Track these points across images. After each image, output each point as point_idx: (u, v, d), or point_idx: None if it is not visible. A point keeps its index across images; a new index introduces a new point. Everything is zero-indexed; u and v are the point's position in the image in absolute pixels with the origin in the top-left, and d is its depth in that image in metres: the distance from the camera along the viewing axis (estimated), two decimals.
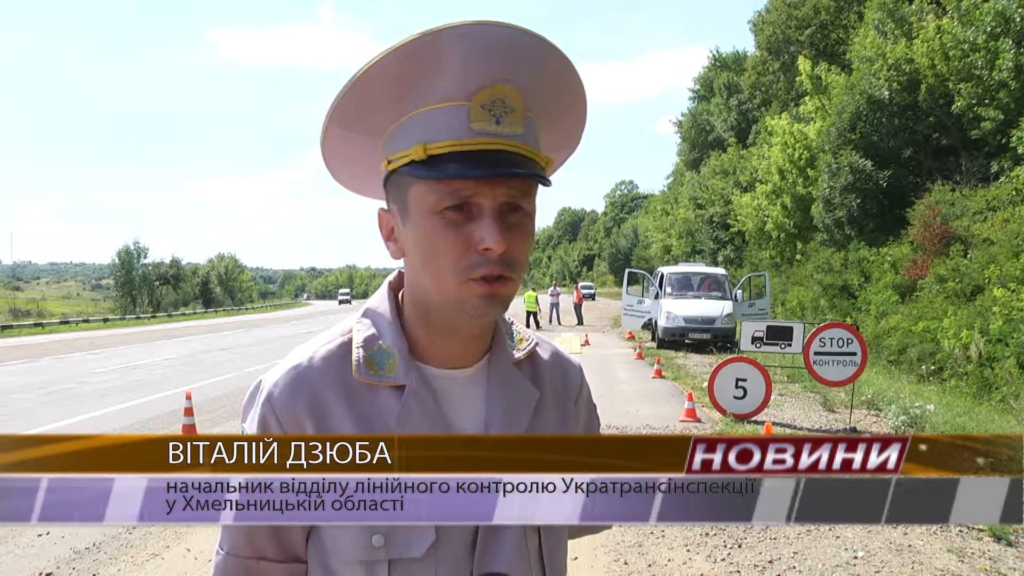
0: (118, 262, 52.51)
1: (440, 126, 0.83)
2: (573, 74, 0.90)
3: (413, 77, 0.84)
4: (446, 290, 0.86)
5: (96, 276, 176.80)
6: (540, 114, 0.90)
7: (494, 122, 0.83)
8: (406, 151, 0.85)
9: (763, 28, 31.64)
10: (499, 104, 0.83)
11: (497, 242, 0.82)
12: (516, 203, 0.85)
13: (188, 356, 17.41)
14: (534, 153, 0.87)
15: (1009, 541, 4.57)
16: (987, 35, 13.45)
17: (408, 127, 0.86)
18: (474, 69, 0.82)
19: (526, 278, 65.95)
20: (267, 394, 0.91)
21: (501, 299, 0.87)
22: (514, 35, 0.83)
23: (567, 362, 1.08)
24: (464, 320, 0.89)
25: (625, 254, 70.55)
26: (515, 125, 0.84)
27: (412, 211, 0.87)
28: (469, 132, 0.82)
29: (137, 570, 4.22)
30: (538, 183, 0.88)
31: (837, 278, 18.09)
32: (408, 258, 0.91)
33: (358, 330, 0.95)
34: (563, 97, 0.92)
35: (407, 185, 0.87)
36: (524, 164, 0.85)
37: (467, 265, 0.84)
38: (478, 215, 0.84)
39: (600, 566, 4.19)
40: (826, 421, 8.52)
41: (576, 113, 0.97)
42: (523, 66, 0.84)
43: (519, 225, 0.86)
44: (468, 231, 0.84)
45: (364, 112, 0.89)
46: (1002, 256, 11.34)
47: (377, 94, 0.86)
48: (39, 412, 9.48)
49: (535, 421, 0.97)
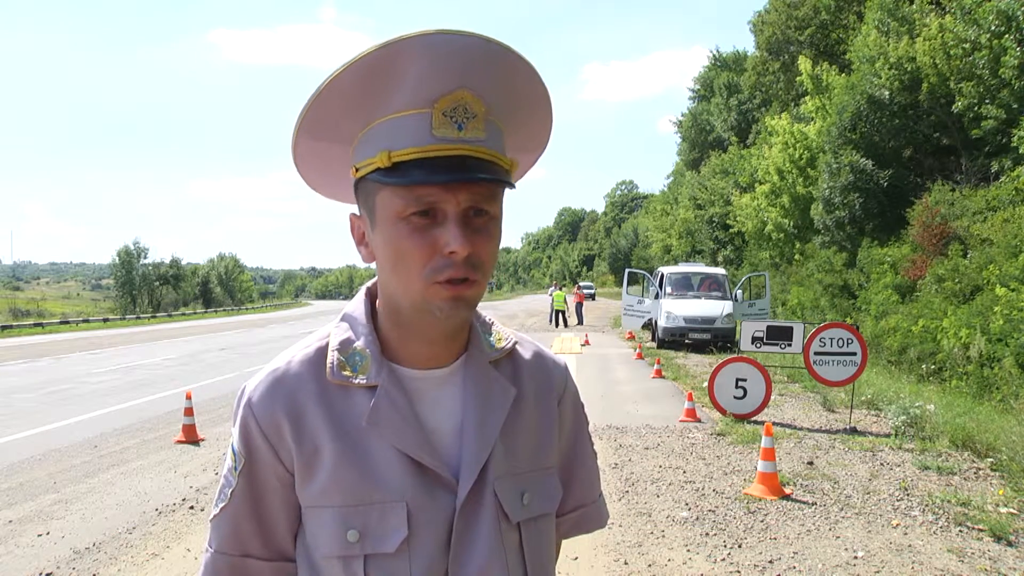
0: (118, 262, 52.47)
1: (403, 134, 0.85)
2: (534, 77, 0.91)
3: (376, 87, 0.86)
4: (413, 293, 0.88)
5: (96, 276, 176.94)
6: (503, 118, 0.91)
7: (456, 128, 0.85)
8: (372, 159, 0.87)
9: (763, 28, 31.61)
10: (461, 111, 0.85)
11: (461, 245, 0.84)
12: (480, 207, 0.87)
13: (188, 356, 17.41)
14: (497, 157, 0.88)
15: (1009, 541, 4.57)
16: (991, 34, 13.43)
17: (373, 135, 0.88)
18: (434, 77, 0.84)
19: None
20: (247, 399, 0.94)
21: (466, 301, 0.88)
22: (472, 42, 0.84)
23: (550, 362, 1.09)
24: (432, 322, 0.91)
25: (625, 254, 70.58)
26: (477, 131, 0.86)
27: (380, 217, 0.89)
28: (432, 139, 0.84)
29: (137, 570, 4.21)
30: (503, 187, 0.89)
31: (838, 278, 18.08)
32: (378, 262, 0.93)
33: (335, 334, 0.98)
34: (526, 100, 0.93)
35: (374, 192, 0.89)
36: (487, 169, 0.86)
37: (433, 268, 0.86)
38: (443, 220, 0.86)
39: (600, 566, 4.19)
40: (826, 421, 8.52)
41: (540, 114, 0.98)
42: (483, 72, 0.86)
43: (484, 229, 0.88)
44: (434, 235, 0.86)
45: (331, 123, 0.90)
46: (1001, 256, 11.33)
47: (342, 105, 0.88)
48: (39, 412, 9.48)
49: (513, 420, 0.98)
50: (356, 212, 0.97)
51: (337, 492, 0.90)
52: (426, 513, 0.90)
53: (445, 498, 0.91)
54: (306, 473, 0.91)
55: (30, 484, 6.07)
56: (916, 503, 5.35)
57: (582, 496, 1.12)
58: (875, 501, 5.42)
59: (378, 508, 0.89)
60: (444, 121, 0.84)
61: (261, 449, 0.93)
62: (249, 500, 0.94)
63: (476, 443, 0.93)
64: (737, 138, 36.68)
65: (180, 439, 7.53)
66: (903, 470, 6.30)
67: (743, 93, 36.76)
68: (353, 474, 0.90)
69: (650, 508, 5.26)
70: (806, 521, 4.97)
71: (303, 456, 0.91)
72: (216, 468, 6.49)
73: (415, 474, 0.91)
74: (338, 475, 0.90)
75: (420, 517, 0.90)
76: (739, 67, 39.34)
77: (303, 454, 0.91)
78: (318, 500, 0.91)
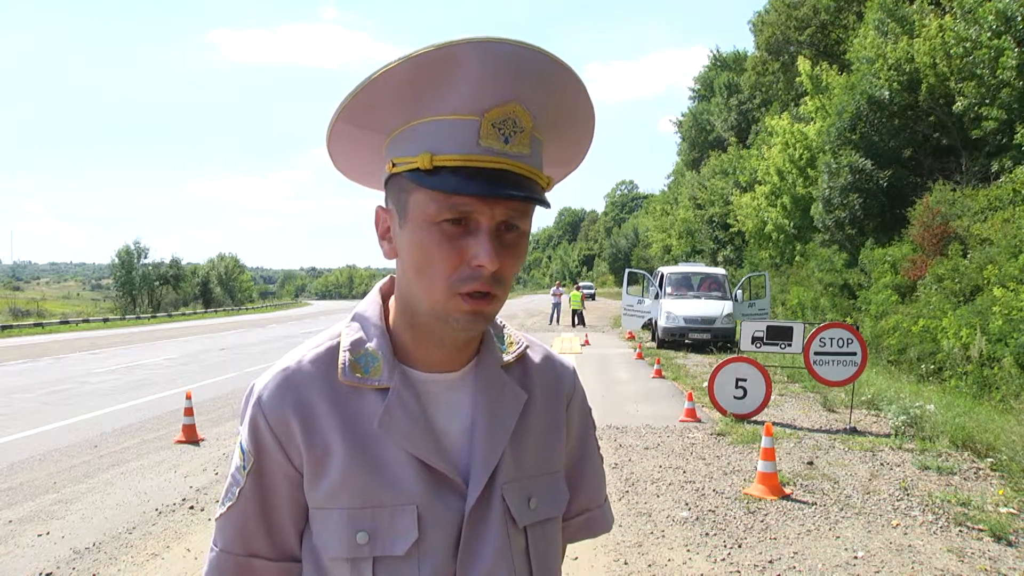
0: (118, 262, 52.39)
1: (449, 138, 0.84)
2: (583, 94, 0.90)
3: (426, 86, 0.85)
4: (434, 300, 0.87)
5: (96, 276, 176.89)
6: (547, 134, 0.91)
7: (502, 141, 0.83)
8: (412, 158, 0.86)
9: (763, 28, 31.63)
10: (510, 124, 0.84)
11: (491, 260, 0.83)
12: (513, 222, 0.86)
13: (188, 356, 17.41)
14: (537, 175, 0.87)
15: (1009, 541, 4.57)
16: (991, 32, 13.42)
17: (416, 133, 0.86)
18: (488, 86, 0.82)
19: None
20: (257, 397, 0.93)
21: (485, 316, 0.88)
22: (528, 54, 0.83)
23: (559, 365, 1.09)
24: (448, 332, 0.91)
25: (625, 254, 70.62)
26: (522, 146, 0.85)
27: (411, 217, 0.87)
28: (477, 148, 0.83)
29: (137, 570, 4.21)
30: (537, 204, 0.89)
31: (838, 278, 18.08)
32: (400, 261, 0.92)
33: (346, 334, 0.97)
34: (571, 116, 0.92)
35: (409, 190, 0.87)
36: (526, 186, 0.85)
37: (459, 278, 0.85)
38: (475, 231, 0.84)
39: (600, 566, 4.19)
40: (826, 421, 8.52)
41: (583, 133, 0.96)
42: (536, 86, 0.85)
43: (514, 245, 0.87)
44: (463, 245, 0.85)
45: (373, 112, 0.89)
46: (1001, 256, 11.33)
47: (388, 98, 0.87)
48: (39, 412, 9.48)
49: (522, 424, 0.98)
50: (383, 205, 0.95)
51: (347, 494, 0.89)
52: (435, 516, 0.90)
53: (454, 502, 0.91)
54: (315, 474, 0.91)
55: (30, 484, 6.07)
56: (916, 503, 5.35)
57: (588, 500, 1.12)
58: (875, 501, 5.42)
59: (388, 511, 0.89)
60: (492, 132, 0.83)
61: (270, 448, 0.92)
62: (257, 499, 0.93)
63: (486, 448, 0.93)
64: (737, 138, 36.68)
65: (180, 439, 7.53)
66: (903, 470, 6.30)
67: (743, 93, 36.77)
68: (363, 476, 0.89)
69: (650, 508, 5.26)
70: (806, 521, 4.97)
71: (313, 457, 0.90)
72: (216, 468, 6.49)
73: (425, 477, 0.90)
74: (348, 477, 0.89)
75: (430, 520, 0.89)
76: (739, 67, 39.35)
77: (313, 455, 0.90)
78: (327, 502, 0.90)
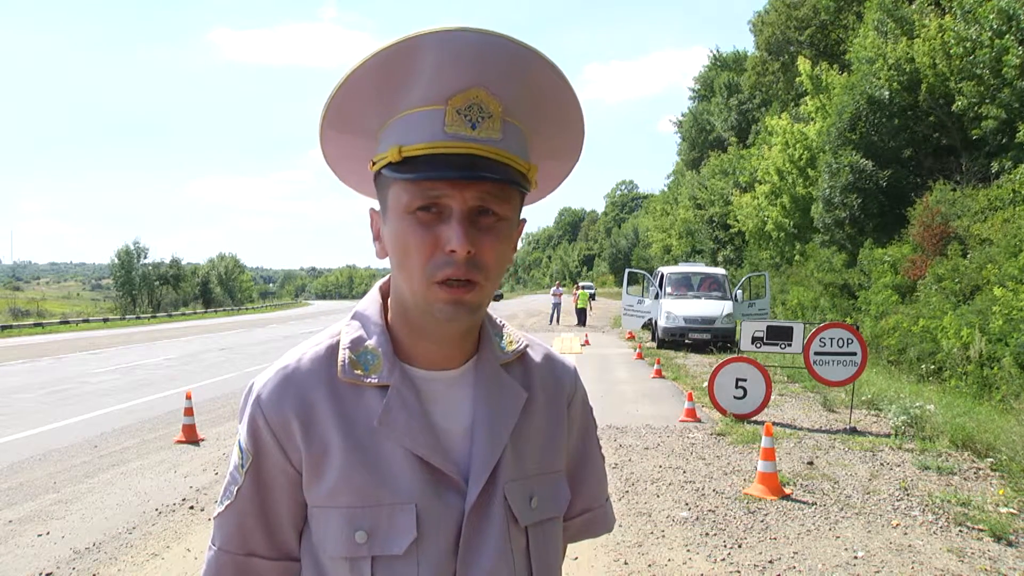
0: (118, 262, 52.34)
1: (416, 129, 0.85)
2: (561, 81, 0.89)
3: (393, 82, 0.85)
4: (415, 291, 0.88)
5: (96, 276, 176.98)
6: (526, 121, 0.90)
7: (469, 127, 0.84)
8: (384, 153, 0.87)
9: (763, 28, 31.64)
10: (475, 109, 0.84)
11: (461, 244, 0.83)
12: (488, 207, 0.86)
13: (188, 356, 17.40)
14: (511, 160, 0.86)
15: (1009, 541, 4.57)
16: (993, 32, 13.40)
17: (390, 130, 0.88)
18: (449, 73, 0.83)
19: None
20: (256, 396, 0.93)
21: (467, 305, 0.87)
22: (491, 40, 0.83)
23: (560, 365, 1.08)
24: (434, 324, 0.91)
25: (625, 254, 70.65)
26: (492, 131, 0.85)
27: (390, 211, 0.89)
28: (443, 135, 0.83)
29: (137, 570, 4.21)
30: (517, 190, 0.88)
31: (838, 278, 18.08)
32: (389, 258, 0.93)
33: (346, 332, 0.97)
34: (553, 105, 0.92)
35: (387, 186, 0.89)
36: (497, 169, 0.84)
37: (434, 265, 0.85)
38: (447, 217, 0.85)
39: (600, 566, 4.19)
40: (826, 421, 8.52)
41: (569, 121, 0.96)
42: (501, 72, 0.84)
43: (491, 230, 0.87)
44: (437, 232, 0.85)
45: (352, 117, 0.90)
46: (1001, 256, 11.32)
47: (362, 99, 0.88)
48: (39, 412, 9.48)
49: (523, 423, 0.98)
50: (376, 208, 0.96)
51: (346, 493, 0.89)
52: (435, 515, 0.89)
53: (454, 501, 0.90)
54: (314, 472, 0.90)
55: (30, 484, 6.07)
56: (916, 503, 5.35)
57: (589, 500, 1.12)
58: (875, 501, 5.42)
59: (387, 509, 0.89)
60: (457, 119, 0.83)
61: (269, 446, 0.92)
62: (255, 498, 0.93)
63: (486, 446, 0.92)
64: (737, 138, 36.68)
65: (180, 439, 7.53)
66: (903, 470, 6.30)
67: (743, 93, 36.78)
68: (363, 475, 0.89)
69: (650, 508, 5.26)
70: (806, 521, 4.97)
71: (312, 455, 0.90)
72: (216, 468, 6.49)
73: (425, 476, 0.90)
74: (348, 476, 0.89)
75: (429, 519, 0.89)
76: (739, 67, 39.36)
77: (312, 453, 0.90)
78: (326, 500, 0.90)
